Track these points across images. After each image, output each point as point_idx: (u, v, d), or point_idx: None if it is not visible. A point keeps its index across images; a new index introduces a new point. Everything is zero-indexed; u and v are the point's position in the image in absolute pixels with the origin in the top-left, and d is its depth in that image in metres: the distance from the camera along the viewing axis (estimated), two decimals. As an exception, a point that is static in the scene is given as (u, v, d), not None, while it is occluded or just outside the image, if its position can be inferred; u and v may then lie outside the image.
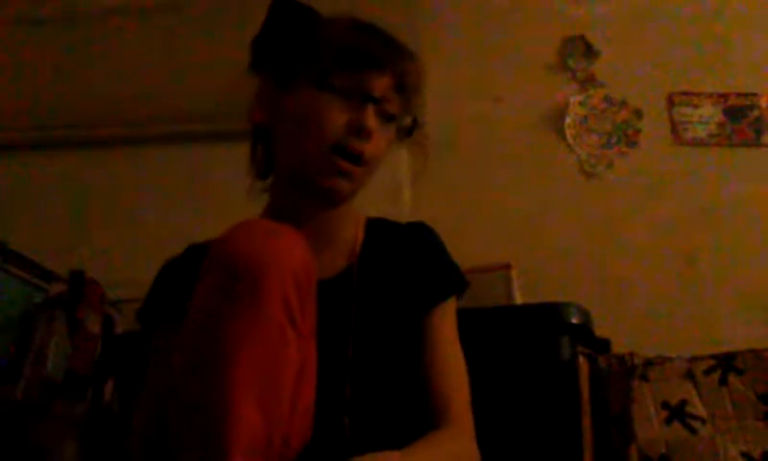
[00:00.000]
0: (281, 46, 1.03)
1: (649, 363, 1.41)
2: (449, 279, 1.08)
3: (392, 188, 2.11)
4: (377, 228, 1.10)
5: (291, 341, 0.78)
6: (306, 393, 0.82)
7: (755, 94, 2.18)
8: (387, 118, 1.00)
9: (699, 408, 1.35)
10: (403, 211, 2.03)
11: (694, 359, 1.41)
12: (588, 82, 2.23)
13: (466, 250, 1.15)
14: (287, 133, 1.00)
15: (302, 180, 0.99)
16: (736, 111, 2.17)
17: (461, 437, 0.98)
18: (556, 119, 2.20)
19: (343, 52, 0.97)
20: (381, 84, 0.98)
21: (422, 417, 0.98)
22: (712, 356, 1.41)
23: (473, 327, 1.09)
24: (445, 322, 1.05)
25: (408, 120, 1.04)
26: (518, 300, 1.89)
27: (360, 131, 0.95)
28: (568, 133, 2.19)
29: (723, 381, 1.37)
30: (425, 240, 1.10)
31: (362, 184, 1.01)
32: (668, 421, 1.35)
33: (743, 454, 1.30)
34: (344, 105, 0.96)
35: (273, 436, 0.75)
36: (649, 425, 1.35)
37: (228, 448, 0.71)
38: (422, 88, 1.05)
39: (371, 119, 0.96)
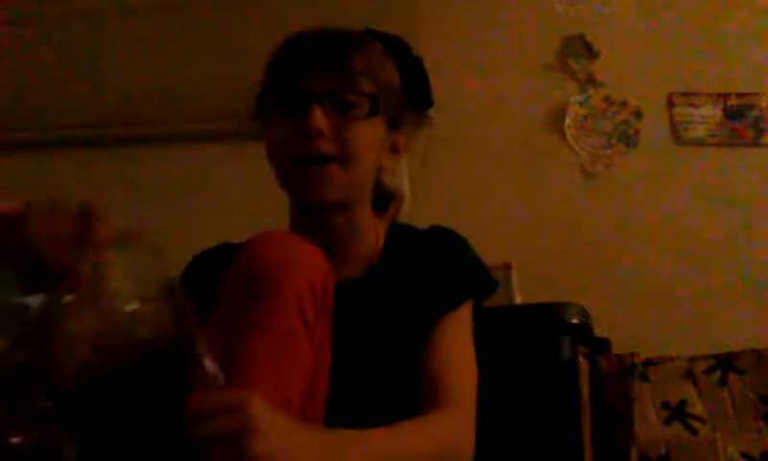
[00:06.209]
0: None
1: (649, 363, 1.41)
2: (461, 283, 1.06)
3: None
4: (399, 233, 1.10)
5: (303, 340, 0.81)
6: (316, 405, 0.85)
7: (755, 94, 2.17)
8: (348, 107, 0.97)
9: (699, 408, 1.35)
10: (403, 211, 2.04)
11: (694, 359, 1.42)
12: (588, 82, 2.23)
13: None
14: (271, 165, 1.03)
15: (295, 200, 1.03)
16: (736, 111, 2.17)
17: (455, 422, 0.94)
18: (556, 119, 2.20)
19: (276, 71, 0.99)
20: (322, 81, 0.96)
21: (422, 403, 0.96)
22: (712, 356, 1.41)
23: (473, 326, 1.09)
24: (455, 323, 1.03)
25: (380, 101, 0.99)
26: (518, 300, 1.90)
27: (304, 134, 0.95)
28: (568, 132, 2.19)
29: (723, 381, 1.37)
30: (443, 245, 1.07)
31: (354, 184, 0.99)
32: (668, 421, 1.35)
33: (743, 454, 1.30)
34: (295, 118, 0.96)
35: None
36: (649, 426, 1.35)
37: None
38: (382, 62, 1.02)
39: (314, 119, 0.94)
